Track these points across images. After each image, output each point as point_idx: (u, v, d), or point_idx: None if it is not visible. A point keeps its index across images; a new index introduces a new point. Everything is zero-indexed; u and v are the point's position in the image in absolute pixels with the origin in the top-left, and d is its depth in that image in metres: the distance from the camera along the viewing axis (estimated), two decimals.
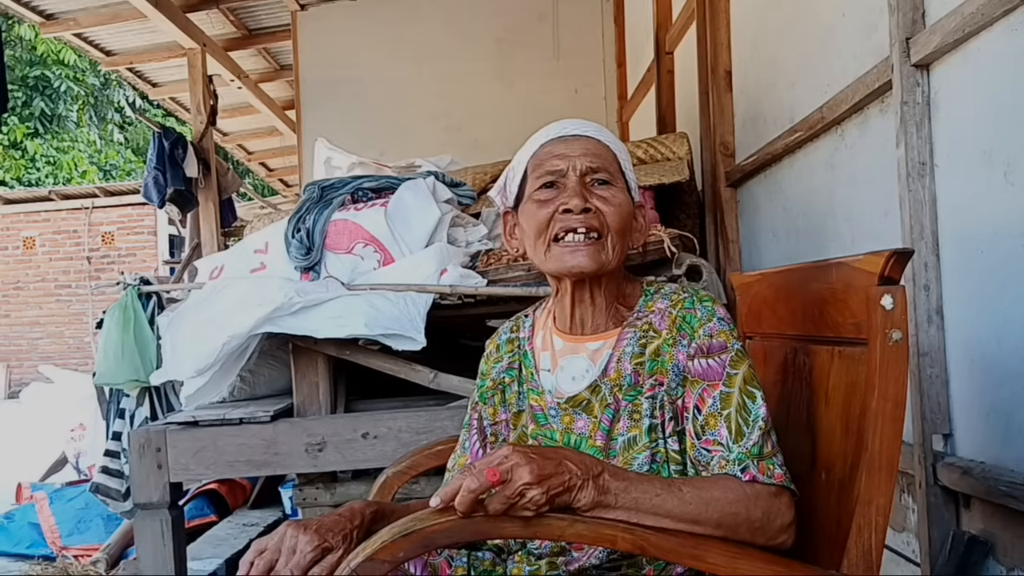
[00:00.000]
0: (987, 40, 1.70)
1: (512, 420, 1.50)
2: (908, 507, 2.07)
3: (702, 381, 1.31)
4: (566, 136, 1.42)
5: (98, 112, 19.49)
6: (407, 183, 2.95)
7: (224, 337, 2.46)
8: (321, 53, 6.67)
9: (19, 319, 15.03)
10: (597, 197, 1.37)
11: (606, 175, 1.39)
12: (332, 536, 1.30)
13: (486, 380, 1.55)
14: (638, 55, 5.85)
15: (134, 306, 2.99)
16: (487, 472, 1.10)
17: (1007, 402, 1.67)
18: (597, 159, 1.39)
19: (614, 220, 1.37)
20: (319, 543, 1.28)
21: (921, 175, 1.91)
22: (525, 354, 1.52)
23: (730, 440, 1.25)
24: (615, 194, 1.39)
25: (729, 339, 1.33)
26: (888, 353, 1.23)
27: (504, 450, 1.15)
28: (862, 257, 1.29)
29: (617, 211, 1.37)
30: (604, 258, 1.36)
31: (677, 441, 1.33)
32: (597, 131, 1.43)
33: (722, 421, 1.27)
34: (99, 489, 3.07)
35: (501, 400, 1.52)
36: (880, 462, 1.22)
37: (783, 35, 2.92)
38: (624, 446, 1.35)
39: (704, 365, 1.31)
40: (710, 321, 1.34)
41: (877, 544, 1.22)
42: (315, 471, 2.67)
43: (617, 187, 1.39)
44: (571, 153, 1.39)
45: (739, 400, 1.28)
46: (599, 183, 1.39)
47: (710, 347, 1.32)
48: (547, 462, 1.13)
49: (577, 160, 1.38)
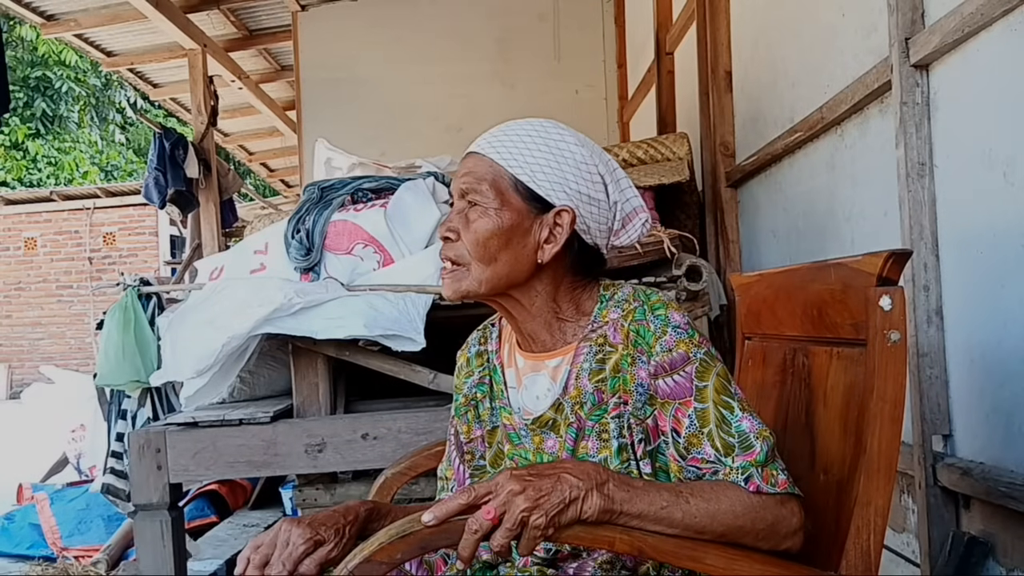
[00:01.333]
0: (987, 40, 1.70)
1: (487, 436, 1.47)
2: (908, 508, 2.06)
3: (673, 401, 1.26)
4: (469, 153, 1.37)
5: (99, 113, 19.51)
6: (407, 184, 2.95)
7: (224, 338, 2.46)
8: (322, 54, 6.67)
9: (20, 320, 15.05)
10: (464, 222, 1.33)
11: (474, 195, 1.32)
12: (324, 530, 1.32)
13: (459, 395, 1.52)
14: (638, 55, 5.85)
15: (134, 307, 2.98)
16: (484, 513, 1.09)
17: (1007, 403, 1.66)
18: (469, 179, 1.33)
19: (471, 246, 1.32)
20: (311, 536, 1.30)
21: (921, 175, 1.91)
22: (495, 368, 1.48)
23: (719, 455, 1.22)
24: (476, 216, 1.32)
25: (689, 348, 1.27)
26: (887, 354, 1.22)
27: (501, 477, 1.13)
28: (861, 258, 1.29)
29: (472, 236, 1.31)
30: (466, 286, 1.33)
31: (649, 463, 1.29)
32: (491, 142, 1.36)
33: (705, 439, 1.23)
34: (108, 490, 3.07)
35: (475, 416, 1.48)
36: (879, 463, 1.22)
37: (783, 35, 2.92)
38: None
39: (671, 384, 1.27)
40: (665, 334, 1.28)
41: (876, 545, 1.22)
42: (315, 472, 2.67)
43: (483, 207, 1.32)
44: (459, 174, 1.36)
45: (716, 415, 1.23)
46: (470, 205, 1.33)
47: (671, 362, 1.27)
48: (543, 481, 1.11)
49: (457, 183, 1.36)
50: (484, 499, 1.12)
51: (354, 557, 1.11)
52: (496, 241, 1.31)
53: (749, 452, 1.21)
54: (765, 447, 1.22)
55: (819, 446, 1.40)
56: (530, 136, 1.35)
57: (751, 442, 1.22)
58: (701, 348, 1.28)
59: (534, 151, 1.34)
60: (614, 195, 1.38)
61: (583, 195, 1.34)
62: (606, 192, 1.37)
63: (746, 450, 1.21)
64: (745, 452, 1.21)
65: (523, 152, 1.34)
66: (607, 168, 1.38)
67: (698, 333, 1.30)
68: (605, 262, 1.44)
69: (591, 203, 1.35)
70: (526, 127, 1.37)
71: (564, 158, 1.34)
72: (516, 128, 1.37)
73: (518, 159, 1.33)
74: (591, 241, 1.37)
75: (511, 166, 1.33)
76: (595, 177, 1.35)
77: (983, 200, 1.73)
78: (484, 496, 1.13)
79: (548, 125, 1.38)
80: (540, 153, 1.34)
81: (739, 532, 1.18)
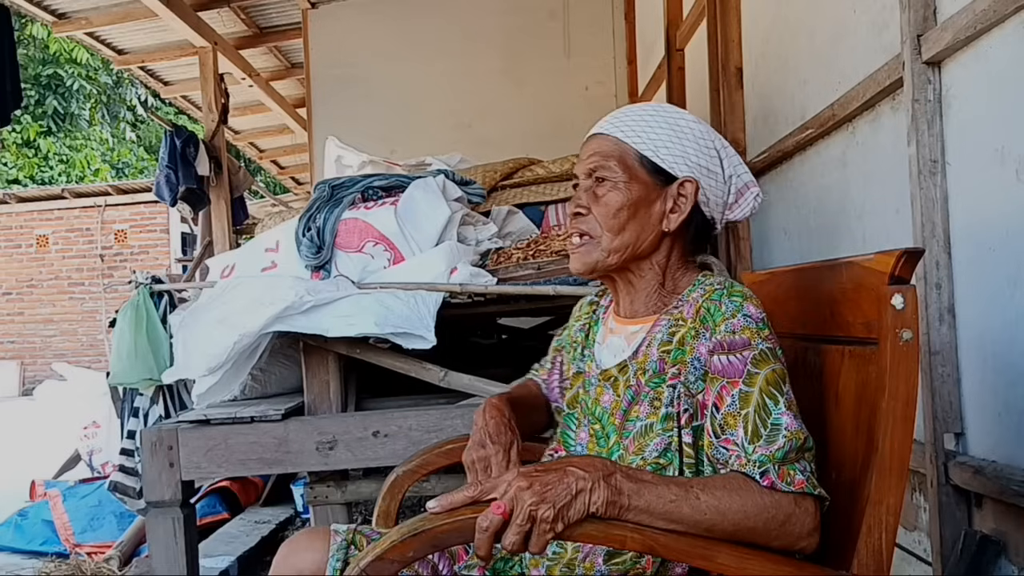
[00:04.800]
0: (999, 37, 1.69)
1: (573, 378, 1.57)
2: (920, 506, 2.06)
3: (721, 378, 1.29)
4: (590, 136, 1.48)
5: (110, 110, 19.59)
6: (417, 182, 2.95)
7: (235, 336, 2.47)
8: (332, 51, 6.68)
9: (33, 316, 15.12)
10: (593, 197, 1.44)
11: (603, 172, 1.43)
12: (503, 436, 1.47)
13: (570, 331, 1.65)
14: (648, 52, 5.84)
15: (146, 305, 3.00)
16: (493, 508, 1.11)
17: (1020, 401, 1.66)
18: (596, 158, 1.44)
19: (602, 218, 1.42)
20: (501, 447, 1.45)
21: (933, 173, 1.91)
22: (596, 320, 1.60)
23: (745, 440, 1.23)
24: (606, 190, 1.42)
25: (755, 337, 1.29)
26: (899, 353, 1.22)
27: (508, 475, 1.14)
28: (873, 257, 1.28)
29: (603, 209, 1.42)
30: (595, 256, 1.43)
31: (691, 434, 1.32)
32: (614, 122, 1.47)
33: (740, 421, 1.24)
34: (117, 487, 3.09)
35: (572, 356, 1.60)
36: (890, 463, 1.22)
37: (794, 32, 2.91)
38: (640, 432, 1.35)
39: (724, 362, 1.29)
40: (734, 317, 1.31)
41: (887, 544, 1.21)
42: (326, 469, 2.68)
43: (613, 182, 1.42)
44: (584, 155, 1.47)
45: (759, 400, 1.25)
46: (597, 181, 1.44)
47: (731, 344, 1.29)
48: (550, 475, 1.13)
49: (583, 164, 1.46)
50: (490, 495, 1.13)
51: (366, 555, 1.12)
52: (625, 212, 1.42)
53: (771, 445, 1.22)
54: (788, 445, 1.21)
55: (831, 445, 1.40)
56: (650, 115, 1.46)
57: (778, 436, 1.22)
58: (767, 342, 1.31)
59: (655, 128, 1.45)
60: (728, 169, 1.48)
61: (702, 168, 1.45)
62: (721, 166, 1.48)
63: (770, 442, 1.22)
64: (768, 444, 1.22)
65: (645, 129, 1.44)
66: (720, 143, 1.49)
67: (769, 329, 1.33)
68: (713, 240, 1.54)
69: (710, 176, 1.46)
70: (646, 108, 1.49)
71: (684, 133, 1.45)
72: (636, 109, 1.49)
73: (641, 136, 1.44)
74: (709, 214, 1.48)
75: (635, 143, 1.43)
76: (711, 151, 1.47)
77: (995, 198, 1.72)
78: (491, 492, 1.14)
79: (666, 106, 1.50)
80: (661, 130, 1.45)
81: (750, 531, 1.17)
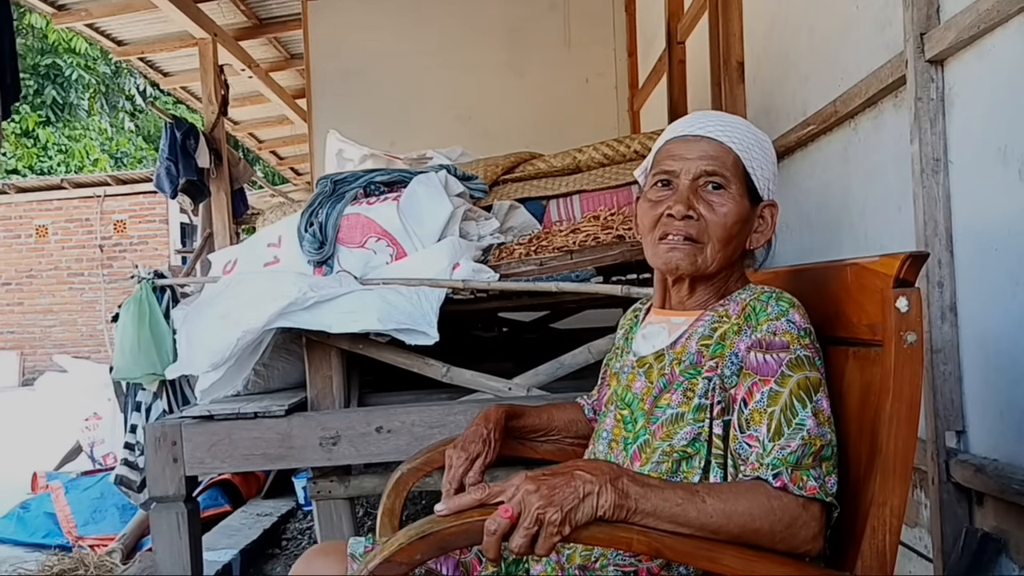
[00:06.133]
0: (1003, 36, 1.70)
1: (611, 380, 1.58)
2: (921, 503, 2.07)
3: (754, 375, 1.30)
4: (688, 136, 1.44)
5: (109, 100, 19.54)
6: (419, 177, 2.95)
7: (238, 332, 2.48)
8: (332, 42, 6.65)
9: (32, 307, 15.12)
10: (704, 203, 1.41)
11: (720, 179, 1.41)
12: (474, 446, 1.53)
13: (615, 342, 1.67)
14: (649, 44, 5.83)
15: (149, 300, 3.00)
16: (501, 511, 1.11)
17: (1022, 400, 1.67)
18: (712, 162, 1.41)
19: (716, 228, 1.41)
20: (465, 456, 1.51)
21: (935, 171, 1.91)
22: (635, 323, 1.62)
23: (767, 438, 1.23)
24: (724, 201, 1.41)
25: (795, 343, 1.30)
26: (903, 355, 1.23)
27: (515, 478, 1.15)
28: (878, 259, 1.29)
29: (721, 220, 1.40)
30: (701, 262, 1.42)
31: (722, 427, 1.32)
32: (723, 130, 1.44)
33: (765, 418, 1.25)
34: (121, 481, 3.11)
35: (614, 362, 1.62)
36: (894, 464, 1.22)
37: (796, 27, 2.91)
38: (670, 420, 1.36)
39: (760, 359, 1.30)
40: (779, 320, 1.32)
41: (891, 545, 1.22)
42: (329, 464, 2.69)
43: (729, 192, 1.41)
44: (688, 155, 1.43)
45: (787, 401, 1.25)
46: (712, 187, 1.42)
47: (770, 344, 1.30)
48: (556, 478, 1.13)
49: (692, 163, 1.42)
50: (497, 498, 1.14)
51: (374, 558, 1.12)
52: (738, 227, 1.42)
53: (788, 445, 1.22)
54: (803, 450, 1.22)
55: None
56: (747, 128, 1.46)
57: (796, 437, 1.23)
58: (807, 350, 1.31)
59: (753, 145, 1.45)
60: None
61: (774, 193, 1.48)
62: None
63: (788, 442, 1.22)
64: (786, 444, 1.22)
65: (749, 144, 1.44)
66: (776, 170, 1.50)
67: (811, 339, 1.33)
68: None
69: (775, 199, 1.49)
70: (737, 119, 1.48)
71: (768, 154, 1.47)
72: (732, 119, 1.47)
73: (747, 151, 1.43)
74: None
75: (743, 156, 1.43)
76: (776, 176, 1.48)
77: (998, 197, 1.72)
78: (498, 495, 1.14)
79: (746, 121, 1.49)
80: (758, 149, 1.45)
81: (755, 532, 1.18)
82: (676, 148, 1.45)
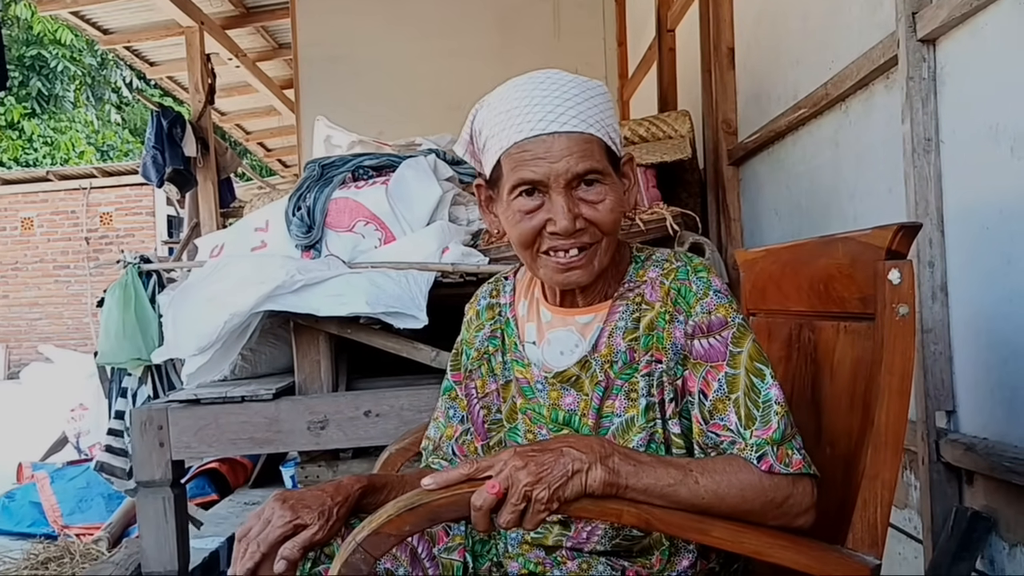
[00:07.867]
0: (994, 15, 1.69)
1: (501, 390, 1.45)
2: (910, 484, 2.07)
3: (704, 363, 1.26)
4: (544, 135, 1.24)
5: (95, 92, 19.40)
6: (408, 161, 2.93)
7: (225, 315, 2.46)
8: (320, 31, 6.61)
9: (18, 299, 15.02)
10: (586, 204, 1.26)
11: (594, 175, 1.26)
12: (308, 513, 1.26)
13: (471, 349, 1.49)
14: (639, 33, 5.82)
15: (135, 285, 2.97)
16: (488, 487, 1.09)
17: (1011, 378, 1.66)
18: (582, 160, 1.24)
19: (605, 225, 1.27)
20: (291, 519, 1.25)
21: (927, 151, 1.90)
22: (507, 322, 1.46)
23: (740, 426, 1.21)
24: (603, 194, 1.27)
25: (729, 313, 1.27)
26: (895, 327, 1.22)
27: (504, 453, 1.13)
28: (869, 231, 1.28)
29: (607, 215, 1.26)
30: (598, 265, 1.30)
31: (678, 424, 1.29)
32: (579, 114, 1.25)
33: (731, 406, 1.22)
34: (103, 468, 3.07)
35: (488, 370, 1.46)
36: (886, 437, 1.22)
37: (787, 11, 2.90)
38: (621, 428, 1.31)
39: (706, 345, 1.26)
40: (706, 296, 1.28)
41: (883, 519, 1.22)
42: (317, 449, 2.67)
43: (604, 182, 1.27)
44: (550, 158, 1.24)
45: (747, 382, 1.23)
46: (586, 184, 1.26)
47: (709, 325, 1.26)
48: (546, 455, 1.11)
49: (558, 166, 1.24)
50: (485, 472, 1.12)
51: (363, 529, 1.11)
52: (620, 209, 1.30)
53: (766, 428, 1.20)
54: (782, 424, 1.21)
55: (825, 420, 1.41)
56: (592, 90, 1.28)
57: (771, 415, 1.21)
58: (739, 315, 1.28)
59: (604, 110, 1.29)
60: None
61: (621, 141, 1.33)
62: None
63: (764, 425, 1.20)
64: (764, 427, 1.20)
65: (601, 113, 1.28)
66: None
67: (734, 297, 1.30)
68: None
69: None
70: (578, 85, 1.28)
71: (612, 105, 1.31)
72: (574, 91, 1.27)
73: (602, 122, 1.28)
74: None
75: (602, 133, 1.28)
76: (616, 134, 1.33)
77: (990, 175, 1.72)
78: (486, 470, 1.13)
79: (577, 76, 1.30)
80: (607, 110, 1.29)
81: (747, 512, 1.18)
82: (534, 149, 1.24)
